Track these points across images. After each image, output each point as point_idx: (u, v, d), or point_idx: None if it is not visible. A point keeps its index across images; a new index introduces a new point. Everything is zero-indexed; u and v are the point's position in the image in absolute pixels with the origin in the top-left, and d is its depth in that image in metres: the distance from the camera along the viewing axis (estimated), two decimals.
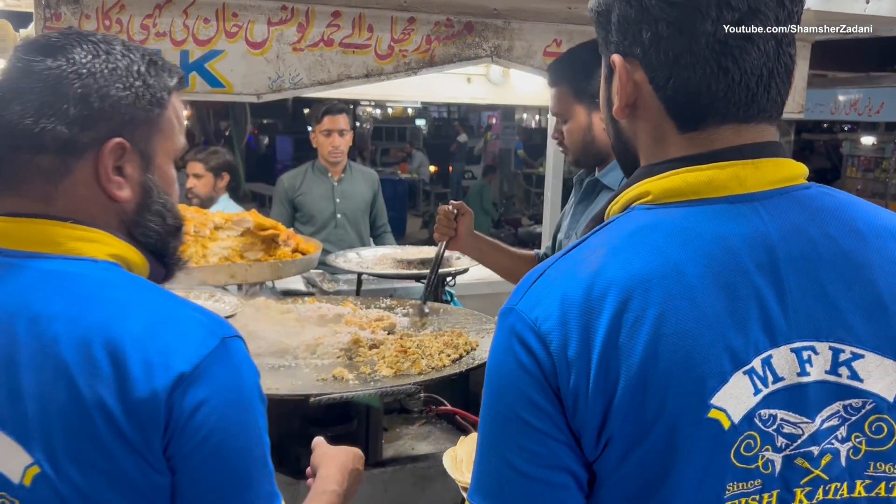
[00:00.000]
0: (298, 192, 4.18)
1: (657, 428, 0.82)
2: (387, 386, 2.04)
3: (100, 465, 0.89)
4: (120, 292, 0.96)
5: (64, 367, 0.88)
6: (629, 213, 0.92)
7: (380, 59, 2.10)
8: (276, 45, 2.00)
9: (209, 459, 0.93)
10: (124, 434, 0.88)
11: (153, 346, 0.90)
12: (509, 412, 0.87)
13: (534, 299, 0.88)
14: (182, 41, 1.91)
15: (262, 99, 2.00)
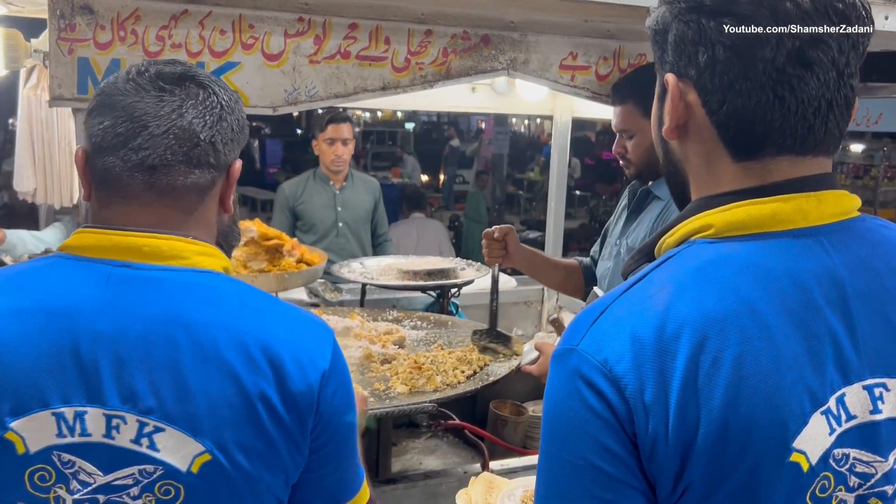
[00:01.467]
0: (300, 200, 4.14)
1: (738, 473, 0.79)
2: (403, 404, 2.01)
3: (261, 449, 1.03)
4: (252, 299, 1.09)
5: (228, 366, 1.01)
6: (691, 248, 0.89)
7: (396, 72, 2.07)
8: (293, 57, 1.97)
9: (336, 436, 1.12)
10: (284, 422, 1.03)
11: (298, 346, 1.06)
12: (579, 459, 0.83)
13: (599, 339, 0.84)
14: (198, 53, 1.88)
15: (278, 112, 1.97)
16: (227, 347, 1.01)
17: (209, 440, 1.00)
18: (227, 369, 1.01)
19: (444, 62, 2.11)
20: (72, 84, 1.79)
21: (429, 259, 3.47)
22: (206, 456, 1.00)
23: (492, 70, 2.17)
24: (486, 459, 2.41)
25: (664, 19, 0.93)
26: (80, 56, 1.78)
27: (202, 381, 1.00)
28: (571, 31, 2.23)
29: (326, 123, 4.05)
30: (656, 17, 0.95)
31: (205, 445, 1.00)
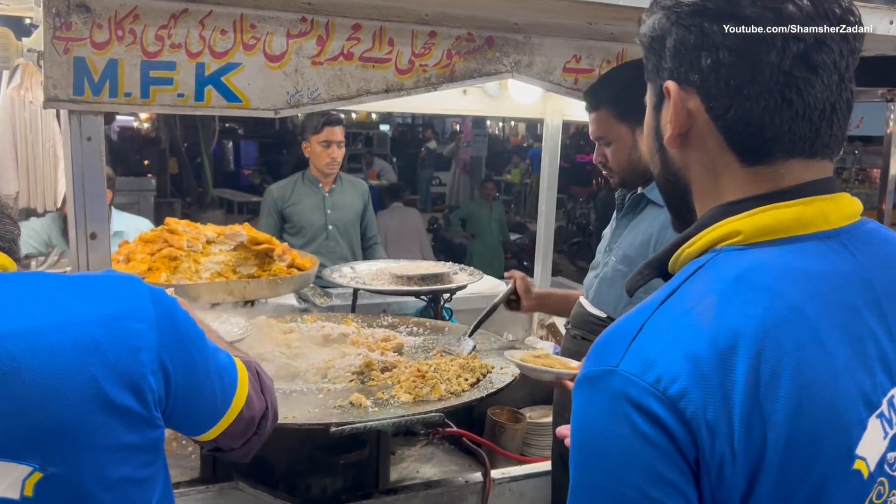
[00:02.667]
0: (288, 202, 4.08)
1: (806, 485, 0.77)
2: (410, 413, 1.97)
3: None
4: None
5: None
6: (721, 255, 0.86)
7: (400, 74, 2.02)
8: (295, 58, 1.91)
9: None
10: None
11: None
12: (634, 492, 0.77)
13: (644, 359, 0.78)
14: (198, 53, 1.82)
15: (279, 114, 1.92)
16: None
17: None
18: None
19: (448, 64, 2.07)
20: (67, 85, 1.72)
21: (421, 264, 3.42)
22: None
23: (496, 72, 2.14)
24: (487, 467, 2.37)
25: (661, 25, 0.91)
26: (76, 56, 1.72)
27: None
28: (575, 33, 2.20)
29: (322, 125, 3.99)
30: (652, 23, 0.93)
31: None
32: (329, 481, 2.19)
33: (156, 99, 1.80)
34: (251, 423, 1.32)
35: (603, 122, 2.10)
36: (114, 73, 1.75)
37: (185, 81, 1.82)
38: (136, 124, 17.78)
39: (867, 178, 14.09)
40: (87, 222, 1.82)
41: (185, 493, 1.99)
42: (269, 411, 1.37)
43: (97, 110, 1.76)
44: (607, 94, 2.09)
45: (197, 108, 1.85)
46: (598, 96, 2.12)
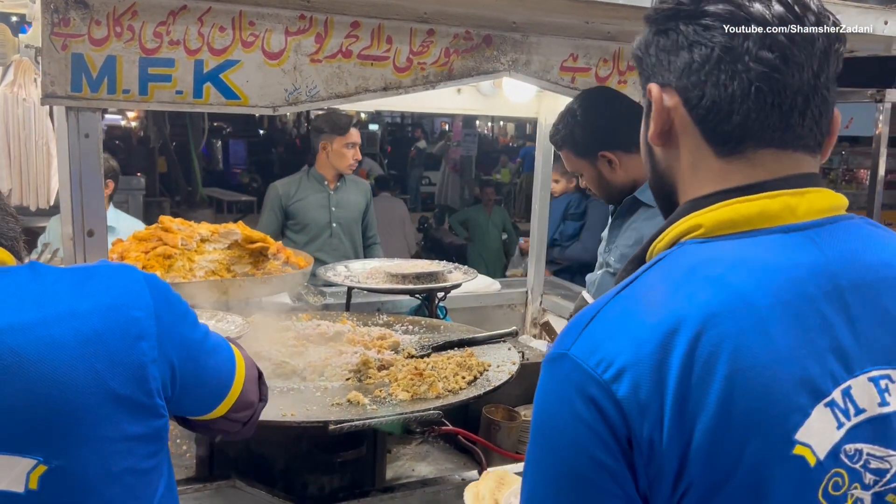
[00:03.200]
0: (293, 199, 4.10)
1: (740, 470, 0.78)
2: (408, 411, 1.97)
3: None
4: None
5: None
6: (681, 248, 0.89)
7: (398, 72, 2.03)
8: (294, 55, 1.91)
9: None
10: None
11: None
12: (569, 470, 0.82)
13: (591, 343, 0.83)
14: (197, 50, 1.82)
15: (277, 112, 1.92)
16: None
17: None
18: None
19: (446, 62, 2.08)
20: (65, 81, 1.71)
21: (416, 262, 3.42)
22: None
23: (494, 71, 2.14)
24: (483, 465, 2.37)
25: (646, 39, 0.97)
26: (74, 52, 1.71)
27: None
28: (572, 32, 2.21)
29: (350, 127, 4.03)
30: (639, 41, 0.99)
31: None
32: (326, 479, 2.19)
33: (154, 96, 1.80)
34: (254, 384, 1.34)
35: (568, 160, 2.26)
36: (112, 69, 1.74)
37: (183, 78, 1.82)
38: (125, 123, 17.70)
39: (854, 179, 14.21)
40: (85, 219, 1.81)
41: (183, 492, 1.98)
42: (262, 378, 1.40)
43: (95, 107, 1.75)
44: (563, 136, 2.22)
45: (195, 105, 1.85)
46: (557, 138, 2.26)
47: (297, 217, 4.07)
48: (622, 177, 2.17)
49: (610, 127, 2.15)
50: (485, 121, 23.68)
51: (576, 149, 2.20)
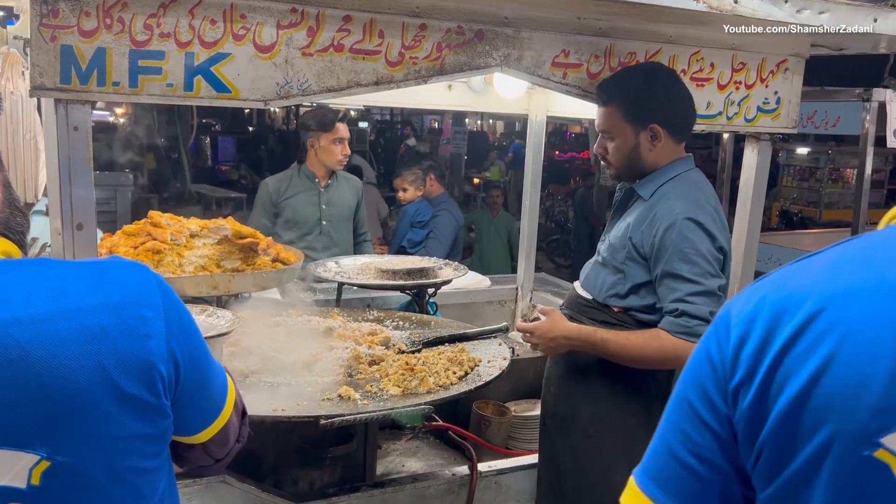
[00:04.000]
0: (284, 196, 4.08)
1: (807, 450, 0.78)
2: (399, 406, 1.96)
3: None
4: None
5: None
6: (881, 230, 0.90)
7: (390, 67, 2.02)
8: (285, 49, 1.90)
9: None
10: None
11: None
12: (683, 394, 0.90)
13: (743, 297, 0.89)
14: (187, 43, 1.80)
15: (269, 105, 1.90)
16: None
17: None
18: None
19: (438, 57, 2.07)
20: (54, 73, 1.69)
21: (406, 258, 3.42)
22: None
23: (485, 66, 2.14)
24: (473, 460, 2.38)
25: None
26: (64, 44, 1.69)
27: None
28: (564, 27, 2.21)
29: (337, 122, 4.01)
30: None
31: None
32: (317, 475, 2.19)
33: (144, 88, 1.79)
34: (238, 417, 1.32)
35: (610, 117, 2.17)
36: (102, 61, 1.73)
37: (174, 71, 1.81)
38: (112, 119, 17.57)
39: (840, 178, 14.31)
40: (74, 213, 1.79)
41: None
42: (245, 417, 1.38)
43: (84, 99, 1.74)
44: (620, 92, 2.16)
45: (186, 98, 1.83)
46: (611, 93, 2.18)
47: (287, 214, 4.06)
48: (652, 157, 2.16)
49: (673, 105, 2.16)
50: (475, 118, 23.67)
51: (629, 109, 2.15)
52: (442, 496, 2.32)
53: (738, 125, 2.57)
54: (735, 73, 2.50)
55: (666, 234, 2.04)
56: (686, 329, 2.02)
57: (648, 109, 2.13)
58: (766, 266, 5.49)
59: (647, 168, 2.18)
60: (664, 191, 2.14)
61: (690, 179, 2.18)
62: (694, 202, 2.09)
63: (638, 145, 2.16)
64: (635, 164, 2.19)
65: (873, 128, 5.13)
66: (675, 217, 2.05)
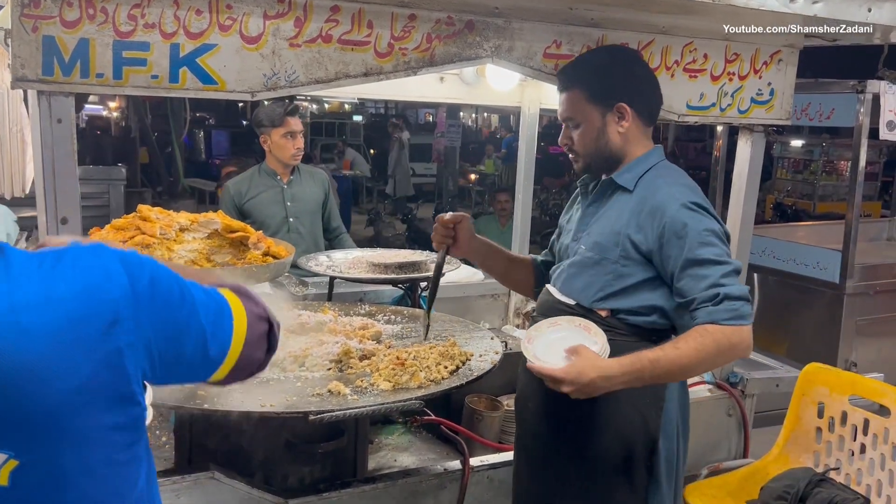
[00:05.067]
0: (246, 197, 3.98)
1: None
2: (389, 401, 1.95)
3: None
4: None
5: None
6: None
7: (379, 58, 1.99)
8: (272, 39, 1.87)
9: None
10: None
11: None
12: None
13: None
14: (172, 34, 1.77)
15: (256, 97, 1.88)
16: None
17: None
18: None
19: (427, 48, 2.04)
20: (36, 64, 1.67)
21: (399, 252, 3.40)
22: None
23: (476, 57, 2.11)
24: (466, 455, 2.36)
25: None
26: (46, 34, 1.66)
27: None
28: (556, 18, 2.19)
29: (285, 116, 3.92)
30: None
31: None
32: (307, 470, 2.17)
33: (129, 80, 1.76)
34: (261, 340, 1.22)
35: (574, 103, 2.03)
36: (85, 52, 1.70)
37: (158, 62, 1.78)
38: (106, 113, 17.50)
39: (834, 170, 14.32)
40: (58, 206, 1.77)
41: (160, 485, 1.93)
42: (272, 321, 1.27)
43: (68, 91, 1.71)
44: (582, 74, 2.04)
45: (172, 90, 1.81)
46: (572, 76, 2.06)
47: (253, 215, 3.92)
48: (621, 142, 2.00)
49: (637, 83, 2.03)
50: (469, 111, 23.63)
51: (592, 91, 2.00)
52: (434, 491, 2.30)
53: (732, 117, 2.55)
54: (728, 63, 2.48)
55: (675, 222, 1.89)
56: (734, 313, 1.82)
57: (613, 87, 2.00)
58: (760, 259, 5.48)
59: (617, 155, 2.02)
60: (650, 180, 1.99)
61: (670, 168, 2.05)
62: (688, 188, 1.97)
63: (605, 128, 2.00)
64: (604, 150, 2.02)
65: (867, 120, 5.13)
66: (680, 203, 1.90)
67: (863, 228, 5.38)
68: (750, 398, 2.91)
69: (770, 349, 5.22)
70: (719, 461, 2.86)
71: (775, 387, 3.00)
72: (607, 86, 2.01)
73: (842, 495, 2.40)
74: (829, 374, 2.86)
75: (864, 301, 5.19)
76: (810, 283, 5.30)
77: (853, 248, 5.03)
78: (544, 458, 2.10)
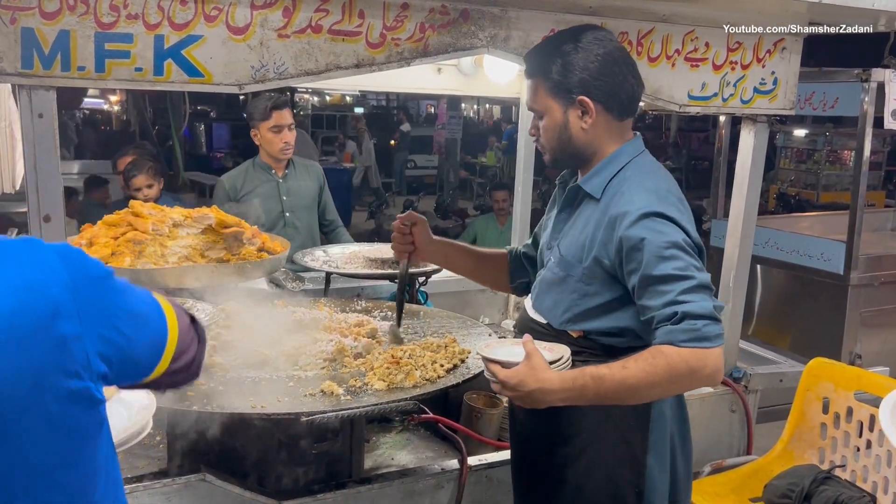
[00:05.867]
0: (241, 192, 3.92)
1: None
2: (383, 402, 1.90)
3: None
4: None
5: None
6: None
7: (371, 48, 1.94)
8: (260, 30, 1.82)
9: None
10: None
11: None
12: None
13: None
14: (156, 24, 1.72)
15: (244, 90, 1.83)
16: None
17: None
18: None
19: (421, 38, 1.99)
20: (15, 57, 1.61)
21: None
22: None
23: (471, 47, 2.06)
24: (463, 454, 2.32)
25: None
26: (24, 26, 1.61)
27: None
28: (553, 6, 2.13)
29: (270, 111, 3.86)
30: None
31: None
32: (301, 472, 2.12)
33: (112, 73, 1.71)
34: (189, 331, 1.22)
35: (535, 93, 1.87)
36: (65, 45, 1.65)
37: (142, 55, 1.73)
38: (107, 107, 17.44)
39: (838, 160, 14.23)
40: (41, 205, 1.72)
41: (150, 487, 1.92)
42: (196, 321, 1.26)
43: (48, 85, 1.66)
44: (542, 62, 1.84)
45: (156, 83, 1.75)
46: (534, 63, 1.88)
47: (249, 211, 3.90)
48: (587, 138, 1.83)
49: (603, 73, 1.80)
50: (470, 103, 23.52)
51: (551, 83, 1.82)
52: (431, 491, 2.26)
53: (734, 107, 2.49)
54: (731, 52, 2.42)
55: (631, 236, 1.71)
56: (694, 334, 1.63)
57: (571, 80, 1.79)
58: (763, 250, 5.42)
59: (584, 151, 1.85)
60: (616, 185, 1.81)
61: (642, 167, 1.85)
62: (654, 194, 1.76)
63: (567, 124, 1.82)
64: (567, 146, 1.86)
65: (872, 109, 5.07)
66: (636, 214, 1.71)
67: (867, 219, 5.31)
68: (753, 394, 2.86)
69: (773, 342, 5.18)
70: (722, 458, 2.82)
71: (779, 382, 2.95)
72: (567, 77, 1.80)
73: (848, 493, 2.35)
74: (835, 368, 2.81)
75: (868, 292, 5.14)
76: (814, 275, 5.25)
77: (857, 238, 4.97)
78: (537, 466, 2.01)
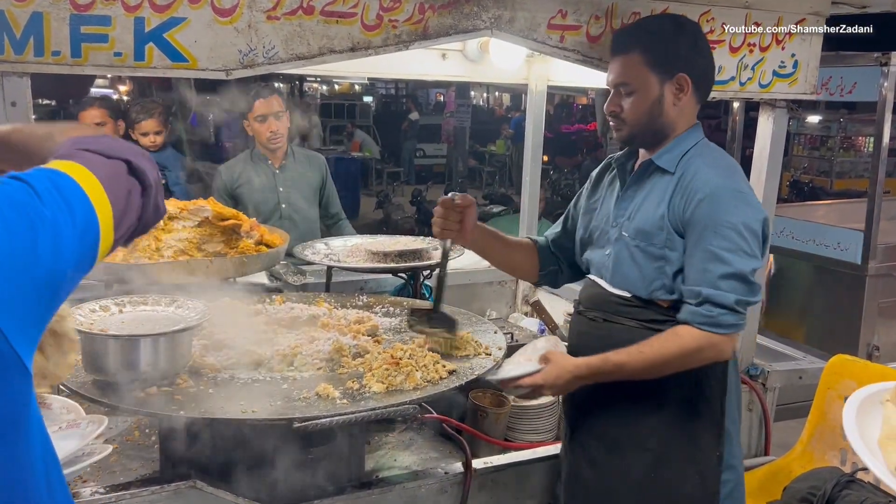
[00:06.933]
0: (237, 183, 3.83)
1: None
2: (380, 406, 1.80)
3: None
4: None
5: None
6: None
7: (367, 31, 1.83)
8: (248, 12, 1.71)
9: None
10: None
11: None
12: None
13: None
14: (137, 6, 1.61)
15: (231, 76, 1.72)
16: None
17: None
18: None
19: (420, 20, 1.88)
20: None
21: (399, 239, 3.24)
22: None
23: (474, 29, 1.94)
24: (468, 457, 2.22)
25: None
26: None
27: None
28: None
29: (253, 100, 3.75)
30: None
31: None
32: (297, 477, 2.02)
33: (89, 58, 1.61)
34: (123, 191, 1.06)
35: (631, 67, 1.91)
36: (38, 28, 1.55)
37: (122, 39, 1.62)
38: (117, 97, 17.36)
39: (852, 146, 14.04)
40: None
41: (138, 495, 1.82)
42: (132, 164, 1.09)
43: (21, 71, 1.56)
44: (644, 37, 1.92)
45: (137, 68, 1.65)
46: (633, 38, 1.94)
47: (244, 201, 3.77)
48: (673, 116, 1.92)
49: (702, 55, 1.94)
50: (480, 91, 23.36)
51: (656, 55, 1.89)
52: (434, 496, 2.16)
53: (752, 91, 2.37)
54: (748, 34, 2.30)
55: (700, 207, 1.83)
56: (710, 319, 1.81)
57: (678, 56, 1.90)
58: (778, 239, 5.29)
59: (666, 129, 1.93)
60: (689, 160, 1.91)
61: (712, 148, 1.97)
62: (730, 170, 1.91)
63: (662, 98, 1.90)
64: (655, 122, 1.93)
65: (892, 94, 4.93)
66: (712, 188, 1.84)
67: (885, 207, 5.17)
68: (771, 392, 2.74)
69: (788, 334, 5.06)
70: None
71: (798, 379, 2.83)
72: (671, 53, 1.90)
73: (872, 499, 2.23)
74: (856, 365, 2.69)
75: (886, 283, 5.02)
76: (831, 265, 5.13)
77: (876, 227, 4.84)
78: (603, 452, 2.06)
